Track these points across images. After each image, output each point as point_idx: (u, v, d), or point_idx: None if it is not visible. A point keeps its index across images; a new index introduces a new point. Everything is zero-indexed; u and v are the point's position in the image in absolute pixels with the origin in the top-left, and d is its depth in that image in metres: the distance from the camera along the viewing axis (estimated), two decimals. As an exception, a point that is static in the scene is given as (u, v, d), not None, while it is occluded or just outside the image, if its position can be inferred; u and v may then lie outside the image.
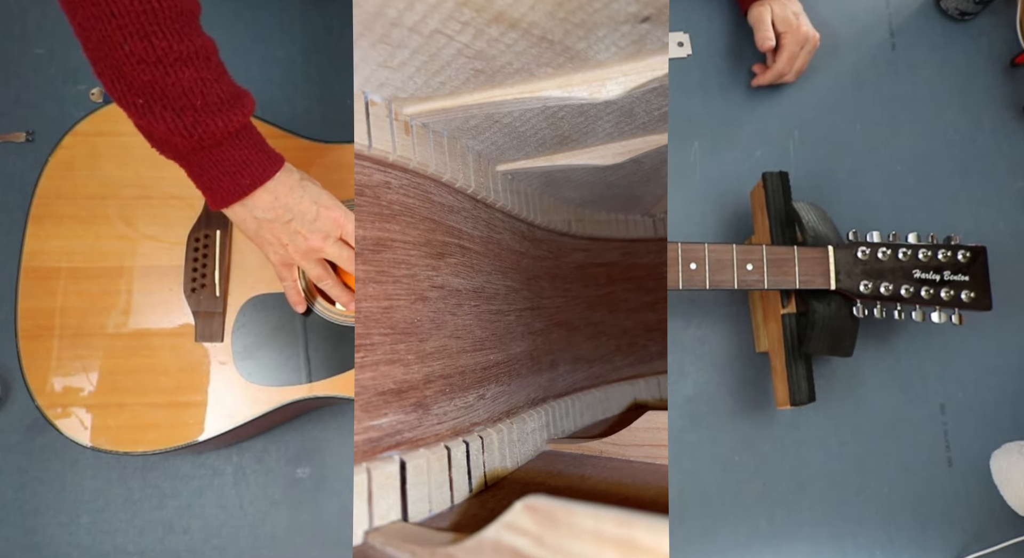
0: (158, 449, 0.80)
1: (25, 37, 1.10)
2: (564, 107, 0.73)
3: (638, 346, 1.11)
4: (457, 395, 0.77)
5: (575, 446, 0.88)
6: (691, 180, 1.12)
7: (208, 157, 0.68)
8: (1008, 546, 1.01)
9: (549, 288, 0.98)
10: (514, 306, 0.89)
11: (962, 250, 0.91)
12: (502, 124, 0.77)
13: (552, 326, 0.97)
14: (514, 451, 0.83)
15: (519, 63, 0.66)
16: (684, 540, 1.01)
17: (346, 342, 0.85)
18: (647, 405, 1.10)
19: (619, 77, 0.69)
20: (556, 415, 0.93)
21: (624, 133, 0.83)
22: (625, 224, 1.13)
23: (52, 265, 0.84)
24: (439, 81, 0.69)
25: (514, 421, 0.85)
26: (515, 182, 0.93)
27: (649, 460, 0.81)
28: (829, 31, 1.19)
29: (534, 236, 0.96)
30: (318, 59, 1.12)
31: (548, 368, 0.95)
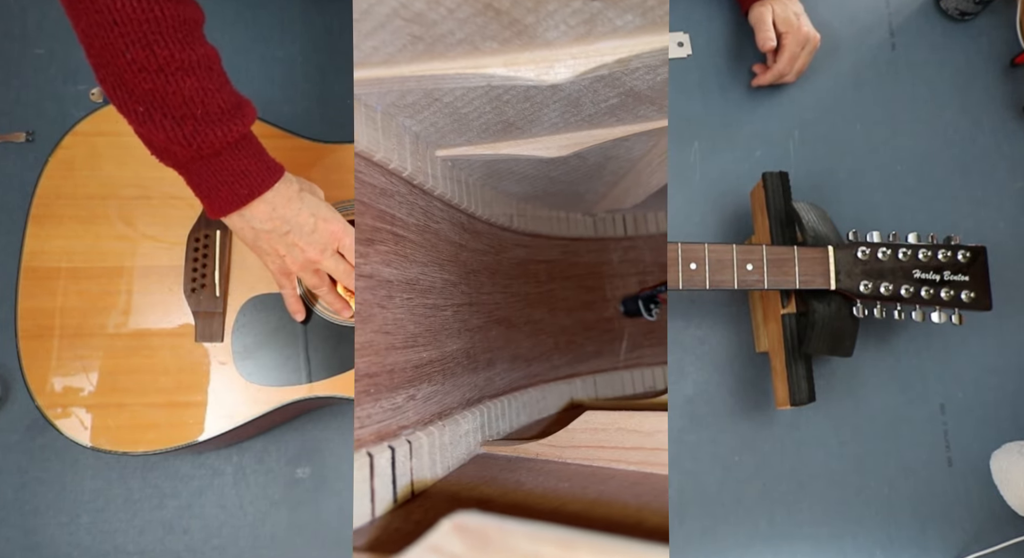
0: (158, 449, 0.80)
1: (25, 37, 1.10)
2: (509, 89, 0.70)
3: (576, 345, 1.10)
4: (384, 396, 0.73)
5: (510, 448, 0.85)
6: (691, 180, 1.12)
7: (207, 166, 0.68)
8: (1008, 546, 1.01)
9: (489, 283, 0.95)
10: (451, 301, 0.86)
11: (962, 250, 0.91)
12: (443, 103, 0.73)
13: (491, 323, 0.94)
14: (445, 455, 0.79)
15: (462, 33, 0.62)
16: (684, 540, 1.01)
17: (346, 342, 0.85)
18: (584, 405, 1.08)
19: (568, 60, 0.66)
20: (492, 416, 0.90)
21: (570, 124, 0.81)
22: (566, 222, 1.11)
23: (52, 265, 0.84)
24: (371, 45, 0.64)
25: (447, 423, 0.81)
26: (456, 170, 0.89)
27: (587, 462, 0.79)
28: (829, 31, 1.19)
29: (475, 228, 0.93)
30: (318, 59, 1.12)
31: (485, 367, 0.92)
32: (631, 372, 1.12)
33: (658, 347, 1.14)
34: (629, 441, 0.75)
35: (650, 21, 0.63)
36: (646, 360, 1.14)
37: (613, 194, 1.05)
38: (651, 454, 0.73)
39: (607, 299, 1.10)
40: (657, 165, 0.93)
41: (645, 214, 1.15)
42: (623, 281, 1.13)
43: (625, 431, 0.76)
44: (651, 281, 1.13)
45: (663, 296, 1.09)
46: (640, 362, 1.13)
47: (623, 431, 0.76)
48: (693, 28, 1.18)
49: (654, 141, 0.88)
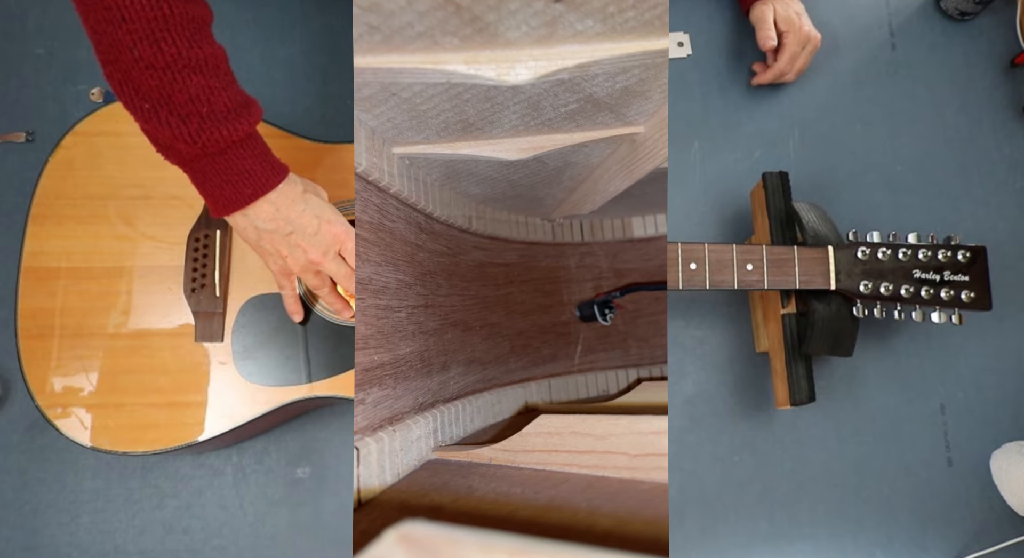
0: (158, 449, 0.80)
1: (25, 37, 1.10)
2: (470, 88, 0.69)
3: (532, 348, 1.09)
4: None
5: (463, 454, 0.83)
6: (691, 180, 1.12)
7: (211, 165, 0.68)
8: (1008, 546, 1.01)
9: (446, 285, 0.93)
10: (406, 302, 0.84)
11: (962, 250, 0.91)
12: (401, 99, 0.71)
13: (447, 326, 0.93)
14: (395, 462, 0.77)
15: (421, 26, 0.61)
16: (684, 540, 1.01)
17: (346, 342, 0.85)
18: (538, 409, 1.07)
19: (529, 61, 0.65)
20: (445, 421, 0.88)
21: (530, 127, 0.80)
22: (525, 226, 1.10)
23: (52, 265, 0.84)
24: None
25: (397, 428, 0.79)
26: (413, 168, 0.87)
27: (540, 466, 0.77)
28: (829, 31, 1.19)
29: (432, 229, 0.92)
30: (318, 59, 1.12)
31: (439, 370, 0.90)
32: (585, 376, 1.11)
33: (612, 352, 1.14)
34: (582, 445, 0.75)
35: (610, 28, 0.63)
36: (600, 364, 1.13)
37: (571, 200, 1.04)
38: (604, 457, 0.73)
39: (564, 303, 1.10)
40: (614, 172, 0.92)
41: (602, 221, 1.14)
42: (579, 286, 1.13)
43: (579, 435, 0.75)
44: (606, 287, 1.13)
45: (618, 302, 1.10)
46: (594, 366, 1.13)
47: (576, 435, 0.75)
48: (693, 28, 1.18)
49: (612, 149, 0.87)
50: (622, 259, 1.13)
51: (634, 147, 0.85)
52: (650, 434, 0.71)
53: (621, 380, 1.11)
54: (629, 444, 0.72)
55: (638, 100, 0.76)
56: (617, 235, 1.14)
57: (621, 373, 1.11)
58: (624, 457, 0.72)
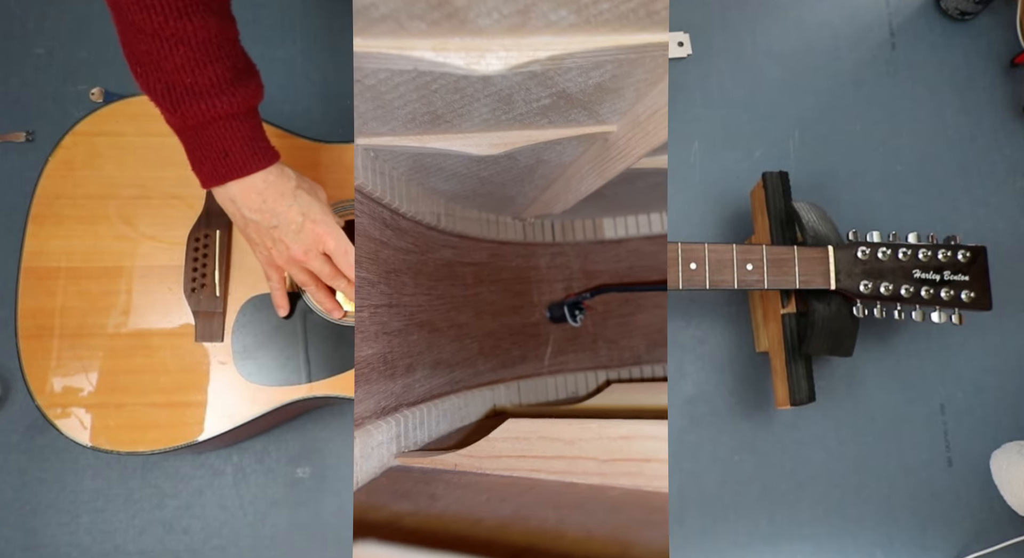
0: (158, 449, 0.80)
1: (25, 37, 1.10)
2: (438, 77, 0.66)
3: (501, 350, 1.07)
4: None
5: (427, 460, 0.80)
6: (691, 180, 1.12)
7: (193, 137, 0.69)
8: (1008, 546, 1.01)
9: (412, 284, 0.90)
10: (367, 301, 0.81)
11: (962, 250, 0.91)
12: (364, 86, 0.67)
13: (412, 326, 0.89)
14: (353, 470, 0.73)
15: (386, 8, 0.58)
16: (684, 540, 1.01)
17: (346, 342, 0.85)
18: (506, 412, 1.04)
19: (500, 51, 0.63)
20: (409, 426, 0.85)
21: (501, 122, 0.78)
22: (496, 225, 1.08)
23: (52, 265, 0.84)
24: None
25: (357, 434, 0.76)
26: (379, 161, 0.84)
27: (507, 472, 0.75)
28: (829, 31, 1.19)
29: (398, 225, 0.89)
30: (318, 59, 1.12)
31: (404, 373, 0.87)
32: (555, 378, 1.10)
33: (581, 353, 1.13)
34: (551, 450, 0.73)
35: (584, 19, 0.61)
36: (570, 366, 1.12)
37: (543, 199, 1.02)
38: (572, 463, 0.71)
39: (534, 304, 1.09)
40: (587, 172, 0.90)
41: (573, 221, 1.13)
42: (550, 287, 1.12)
43: (547, 440, 0.73)
44: (577, 288, 1.13)
45: (588, 303, 1.09)
46: (564, 368, 1.12)
47: (545, 440, 0.74)
48: (693, 28, 1.18)
49: (585, 147, 0.85)
50: (593, 260, 1.12)
51: (606, 146, 0.84)
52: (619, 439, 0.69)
53: (591, 382, 1.10)
54: (598, 449, 0.70)
55: (611, 97, 0.74)
56: (588, 236, 1.13)
57: (591, 375, 1.10)
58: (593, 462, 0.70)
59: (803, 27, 1.20)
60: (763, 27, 1.19)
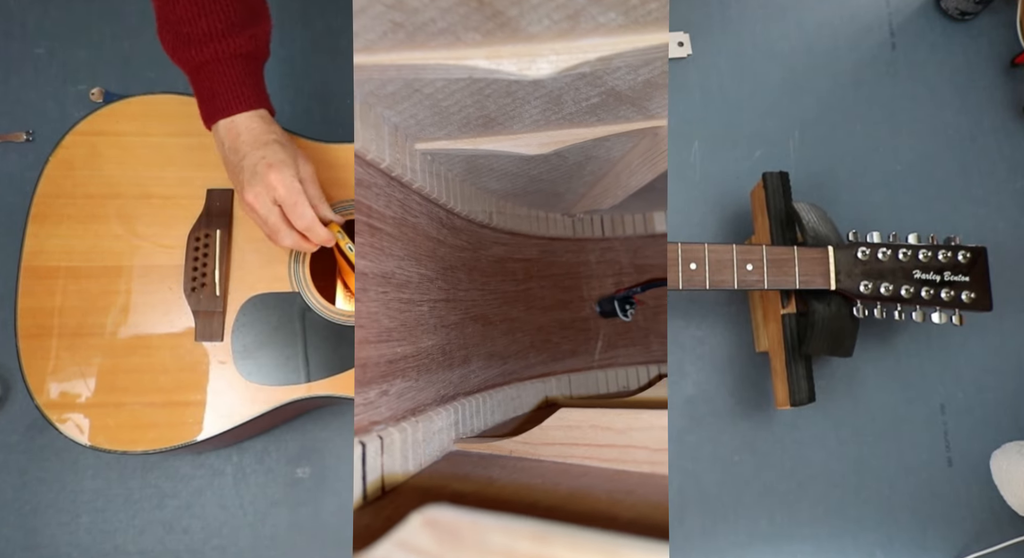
0: (157, 448, 0.80)
1: (25, 37, 1.10)
2: (491, 83, 0.70)
3: (552, 344, 1.09)
4: (356, 390, 0.73)
5: (484, 445, 0.84)
6: (691, 180, 1.12)
7: (193, 79, 0.78)
8: (1008, 546, 1.01)
9: (466, 280, 0.93)
10: (427, 296, 0.85)
11: (962, 251, 0.91)
12: (423, 95, 0.72)
13: (467, 320, 0.93)
14: (418, 452, 0.77)
15: (444, 22, 0.62)
16: (684, 540, 1.01)
17: (345, 342, 0.85)
18: (558, 403, 1.07)
19: (550, 55, 0.66)
20: (466, 413, 0.89)
21: (551, 122, 0.80)
22: (545, 222, 1.10)
23: (52, 264, 0.84)
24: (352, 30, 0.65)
25: (420, 419, 0.79)
26: (435, 164, 0.88)
27: (560, 459, 0.78)
28: (829, 31, 1.19)
29: (453, 224, 0.92)
30: (318, 59, 1.12)
31: (460, 364, 0.91)
32: (605, 372, 1.11)
33: (632, 348, 1.14)
34: (602, 439, 0.75)
35: (633, 20, 0.63)
36: (620, 360, 1.13)
37: (592, 194, 1.04)
38: (624, 452, 0.73)
39: (584, 299, 1.10)
40: (636, 166, 0.92)
41: (623, 216, 1.14)
42: (600, 282, 1.13)
43: (598, 429, 0.75)
44: (627, 282, 1.13)
45: (639, 297, 1.10)
46: (615, 362, 1.13)
47: (596, 429, 0.75)
48: (693, 28, 1.18)
49: (634, 142, 0.87)
50: (643, 254, 1.13)
51: (656, 141, 0.85)
52: (672, 429, 0.70)
53: (642, 376, 1.10)
54: (650, 438, 0.72)
55: (660, 93, 0.76)
56: (639, 230, 1.14)
57: (642, 369, 1.10)
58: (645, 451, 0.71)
59: (803, 27, 1.20)
60: (763, 27, 1.19)
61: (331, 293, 0.98)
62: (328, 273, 0.97)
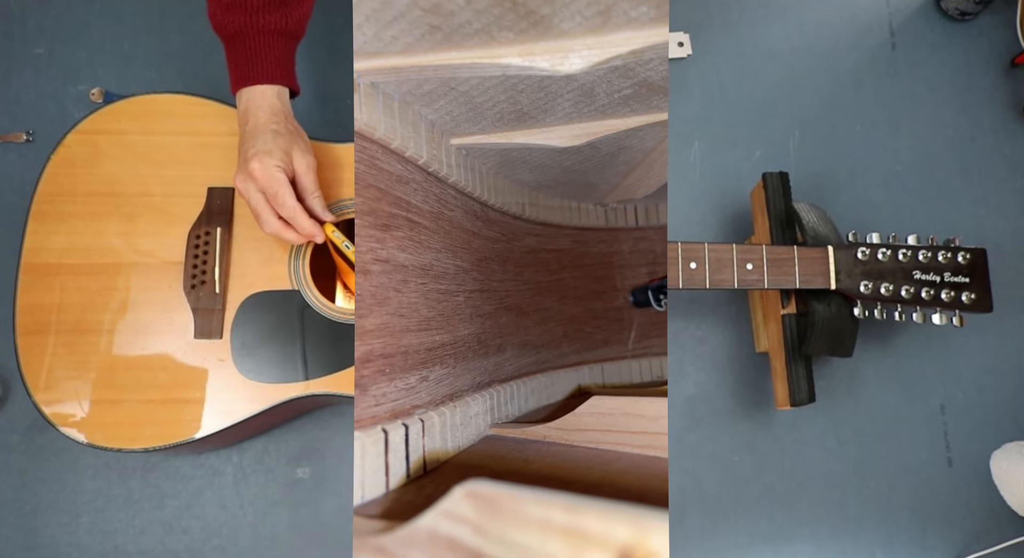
0: (155, 446, 0.80)
1: (25, 37, 1.10)
2: (524, 79, 0.71)
3: (585, 333, 1.10)
4: (398, 376, 0.75)
5: (519, 431, 0.86)
6: (691, 180, 1.12)
7: (227, 46, 0.82)
8: (1008, 546, 1.00)
9: (500, 271, 0.96)
10: (463, 287, 0.87)
11: (962, 252, 0.90)
12: (458, 92, 0.75)
13: (502, 310, 0.95)
14: (456, 435, 0.81)
15: (479, 23, 0.64)
16: (684, 540, 1.00)
17: (344, 340, 0.85)
18: (591, 391, 1.08)
19: (583, 50, 0.67)
20: (501, 399, 0.91)
21: (583, 114, 0.82)
22: (578, 212, 1.12)
23: (52, 261, 0.84)
24: (391, 35, 0.66)
25: (457, 404, 0.82)
26: (470, 158, 0.90)
27: (593, 445, 0.80)
28: (829, 31, 1.19)
29: (487, 216, 0.94)
30: (318, 58, 1.12)
31: (495, 352, 0.93)
32: (639, 361, 1.12)
33: (666, 337, 1.15)
34: (635, 426, 0.76)
35: (664, 13, 0.64)
36: (654, 350, 1.14)
37: (625, 184, 1.05)
38: (655, 438, 0.75)
39: (617, 289, 1.11)
40: None
41: (656, 205, 1.15)
42: (633, 271, 1.14)
43: (631, 416, 0.77)
44: (660, 272, 1.14)
45: None
46: (648, 352, 1.13)
47: (629, 416, 0.77)
48: (693, 28, 1.18)
49: (666, 132, 0.89)
50: None
51: None
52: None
53: None
54: None
55: None
56: None
57: None
58: None
59: (803, 27, 1.20)
60: (763, 27, 1.19)
61: (331, 291, 0.98)
62: (329, 272, 0.97)
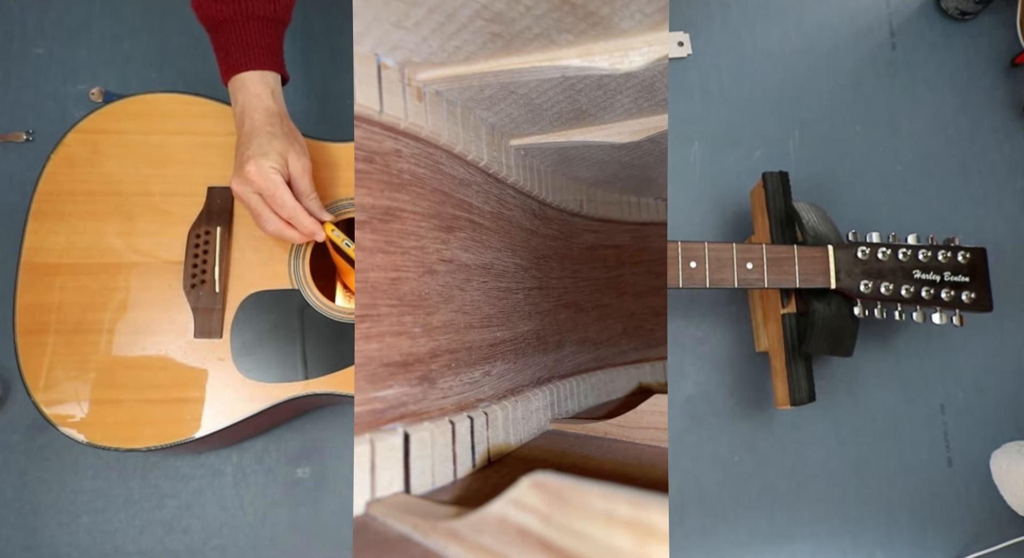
0: (155, 445, 0.80)
1: (25, 37, 1.10)
2: (583, 79, 0.72)
3: (644, 330, 1.11)
4: (463, 370, 0.77)
5: (579, 426, 0.87)
6: (691, 180, 1.12)
7: (213, 36, 0.82)
8: (1008, 546, 1.00)
9: (558, 268, 0.97)
10: (523, 284, 0.89)
11: (962, 251, 0.90)
12: (518, 95, 0.76)
13: (560, 307, 0.97)
14: (518, 429, 0.82)
15: (539, 28, 0.65)
16: (684, 539, 1.00)
17: (344, 339, 0.85)
18: (652, 388, 1.10)
19: (643, 47, 0.67)
20: (561, 395, 0.93)
21: (643, 110, 0.82)
22: (637, 207, 1.12)
23: (52, 261, 0.84)
24: (454, 45, 0.67)
25: (519, 399, 0.84)
26: (528, 158, 0.91)
27: (654, 443, 0.81)
28: (829, 31, 1.19)
29: (545, 214, 0.95)
30: (318, 59, 1.12)
31: (554, 348, 0.95)
32: None
33: None
34: None
35: None
36: None
37: None
38: None
39: None
40: None
41: None
42: None
43: None
44: None
45: None
46: None
47: None
48: (693, 28, 1.18)
49: None
50: None
51: None
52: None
53: None
54: None
55: None
56: None
57: None
58: None
59: (803, 27, 1.20)
60: (763, 27, 1.19)
61: (331, 291, 0.98)
62: (329, 272, 0.97)
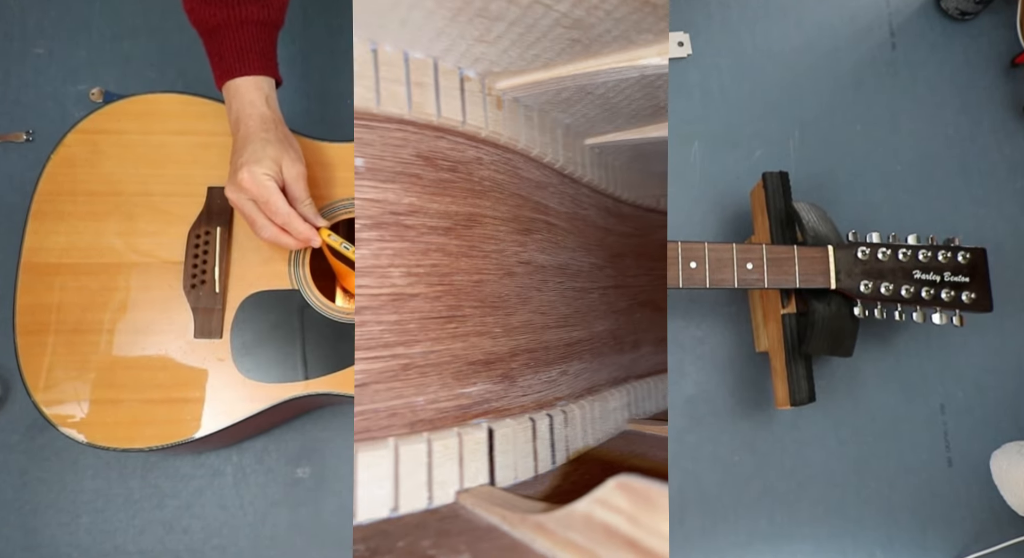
0: (155, 445, 0.80)
1: (25, 37, 1.10)
2: (663, 75, 0.73)
3: None
4: (541, 369, 0.78)
5: (658, 428, 0.87)
6: (691, 180, 1.12)
7: (207, 41, 0.82)
8: (1008, 546, 1.00)
9: (634, 266, 0.97)
10: (598, 284, 0.89)
11: (962, 252, 0.90)
12: (595, 96, 0.77)
13: (636, 305, 0.97)
14: (595, 428, 0.83)
15: (618, 30, 0.65)
16: (684, 540, 1.00)
17: (344, 339, 0.85)
18: None
19: None
20: (638, 396, 0.93)
21: None
22: None
23: (52, 261, 0.84)
24: (533, 53, 0.69)
25: (596, 398, 0.85)
26: (603, 155, 0.92)
27: None
28: (829, 31, 1.19)
29: (620, 212, 0.96)
30: (318, 59, 1.12)
31: (631, 348, 0.95)
32: None
33: None
34: None
35: None
36: None
37: None
38: None
39: None
40: None
41: None
42: None
43: None
44: None
45: None
46: None
47: None
48: (693, 28, 1.18)
49: None
50: None
51: None
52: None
53: None
54: None
55: None
56: None
57: None
58: None
59: (803, 27, 1.20)
60: (763, 27, 1.19)
61: (331, 291, 0.98)
62: (329, 272, 0.97)
